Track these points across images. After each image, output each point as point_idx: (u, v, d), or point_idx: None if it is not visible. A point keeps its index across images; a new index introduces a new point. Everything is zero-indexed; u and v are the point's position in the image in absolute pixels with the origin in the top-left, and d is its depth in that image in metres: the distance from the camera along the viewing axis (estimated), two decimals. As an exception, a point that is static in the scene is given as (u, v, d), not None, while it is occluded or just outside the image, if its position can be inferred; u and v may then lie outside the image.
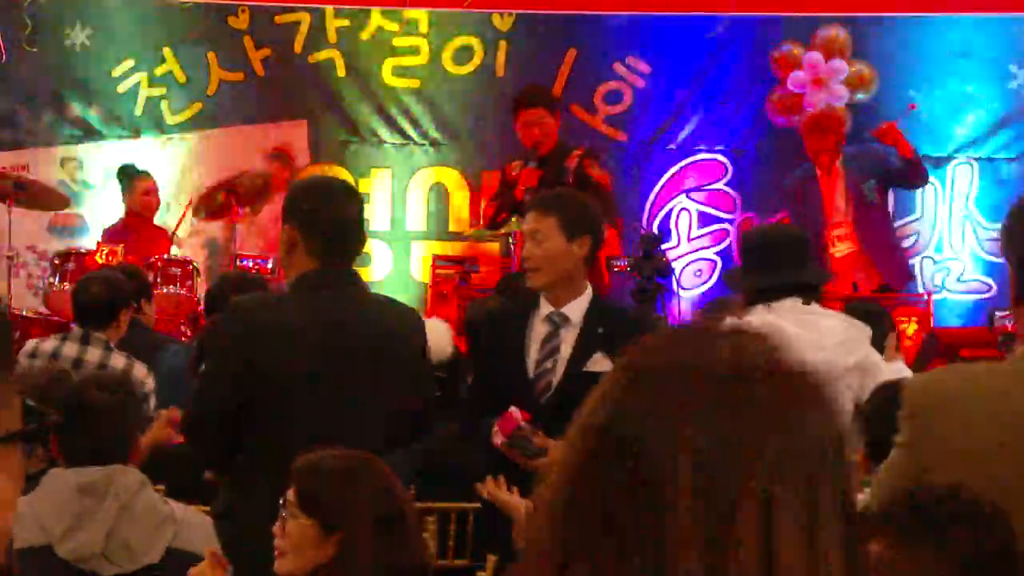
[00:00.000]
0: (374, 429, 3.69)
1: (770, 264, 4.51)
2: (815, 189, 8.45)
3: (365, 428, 3.66)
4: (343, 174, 9.75)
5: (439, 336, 5.00)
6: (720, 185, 9.71)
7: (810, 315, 4.39)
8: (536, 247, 4.37)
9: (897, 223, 9.11)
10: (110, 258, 7.92)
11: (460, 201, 9.83)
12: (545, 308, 4.40)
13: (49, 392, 3.68)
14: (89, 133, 9.77)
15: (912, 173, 8.42)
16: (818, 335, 4.26)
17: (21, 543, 3.33)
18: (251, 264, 8.18)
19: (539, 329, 4.38)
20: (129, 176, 8.98)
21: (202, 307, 7.89)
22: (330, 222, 3.89)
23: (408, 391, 3.87)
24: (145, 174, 8.99)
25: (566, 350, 4.32)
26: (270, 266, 8.21)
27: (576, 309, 4.37)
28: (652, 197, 9.65)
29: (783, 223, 6.47)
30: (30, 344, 5.77)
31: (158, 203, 9.04)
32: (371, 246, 9.79)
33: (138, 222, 8.86)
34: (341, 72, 9.79)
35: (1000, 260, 9.40)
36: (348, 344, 3.74)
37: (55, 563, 3.39)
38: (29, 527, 3.40)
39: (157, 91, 9.78)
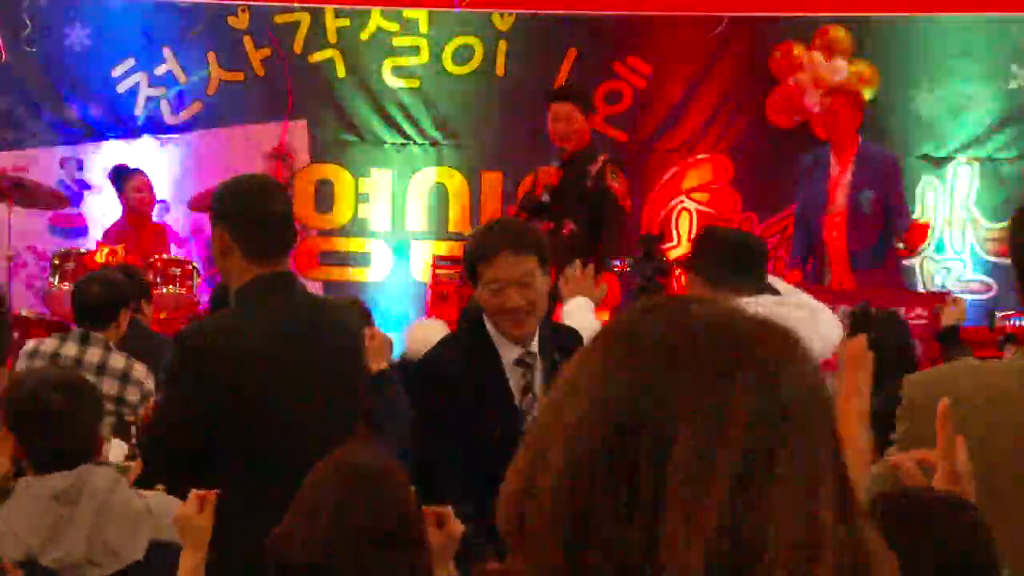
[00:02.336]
0: (344, 431, 3.64)
1: (744, 266, 4.55)
2: (824, 174, 8.45)
3: (336, 432, 3.64)
4: (343, 174, 9.76)
5: (438, 336, 4.98)
6: (720, 185, 9.72)
7: (782, 306, 4.38)
8: (527, 291, 3.89)
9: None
10: (110, 258, 7.92)
11: (460, 201, 9.83)
12: (509, 349, 3.96)
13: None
14: (89, 133, 9.76)
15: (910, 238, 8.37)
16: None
17: (4, 559, 3.30)
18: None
19: (515, 376, 3.96)
20: (121, 175, 8.98)
21: (203, 307, 7.91)
22: (263, 221, 3.67)
23: (359, 386, 3.83)
24: (137, 172, 8.99)
25: (539, 391, 3.95)
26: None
27: (535, 343, 3.98)
28: (652, 197, 9.66)
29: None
30: (30, 344, 5.77)
31: (153, 200, 9.04)
32: (371, 246, 9.80)
33: (137, 221, 8.86)
34: (341, 72, 9.79)
35: (1000, 260, 9.43)
36: (308, 353, 3.65)
37: (40, 573, 3.36)
38: (9, 543, 3.36)
39: (157, 91, 9.78)
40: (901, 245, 8.29)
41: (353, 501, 2.85)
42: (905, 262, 8.86)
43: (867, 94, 9.38)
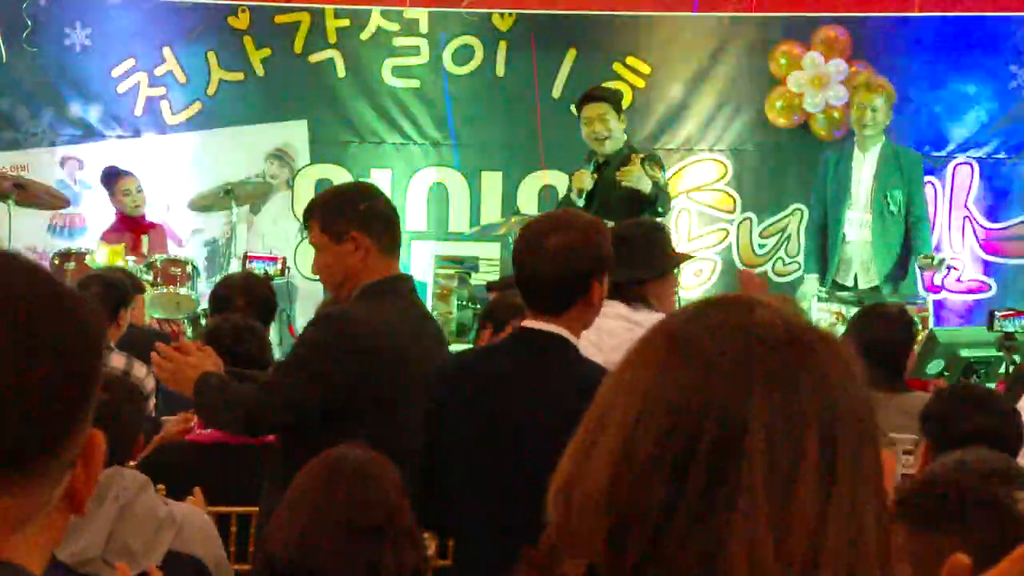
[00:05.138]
0: None
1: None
2: (847, 167, 8.44)
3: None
4: (343, 174, 9.75)
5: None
6: (720, 185, 9.72)
7: (601, 317, 4.43)
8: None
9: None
10: (112, 258, 7.92)
11: (460, 201, 9.83)
12: None
13: None
14: (89, 133, 9.77)
15: None
16: (597, 336, 4.25)
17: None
18: (260, 266, 8.13)
19: None
20: (110, 178, 8.98)
21: (203, 307, 7.90)
22: (390, 217, 3.93)
23: None
24: (125, 174, 8.98)
25: None
26: (279, 267, 8.21)
27: None
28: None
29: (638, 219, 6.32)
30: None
31: (143, 201, 9.02)
32: (371, 246, 9.80)
33: (129, 223, 8.86)
34: (341, 72, 9.79)
35: (1000, 260, 9.43)
36: (423, 354, 3.77)
37: (55, 568, 3.37)
38: None
39: (157, 91, 9.78)
40: (922, 261, 8.31)
41: (332, 495, 2.87)
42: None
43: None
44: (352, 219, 3.82)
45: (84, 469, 1.26)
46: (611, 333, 4.46)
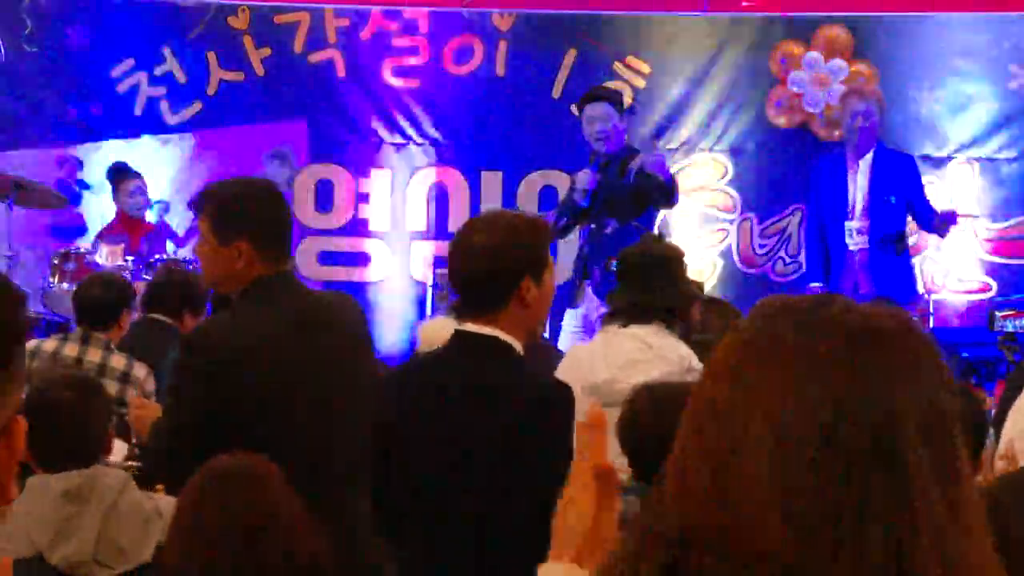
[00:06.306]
0: (350, 430, 3.63)
1: (634, 284, 4.66)
2: (841, 175, 8.43)
3: (343, 431, 3.62)
4: (343, 174, 9.76)
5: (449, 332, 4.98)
6: (720, 185, 9.72)
7: (616, 335, 4.41)
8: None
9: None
10: (111, 258, 7.92)
11: (460, 201, 9.83)
12: None
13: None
14: (89, 133, 9.76)
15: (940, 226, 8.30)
16: (605, 350, 4.34)
17: (12, 556, 3.30)
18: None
19: None
20: (117, 176, 8.98)
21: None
22: (281, 221, 3.75)
23: (366, 383, 3.79)
24: (133, 175, 8.99)
25: None
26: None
27: None
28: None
29: (659, 241, 6.29)
30: (31, 344, 5.76)
31: (146, 203, 9.03)
32: (371, 246, 9.81)
33: (130, 223, 8.86)
34: (341, 72, 9.79)
35: (1000, 260, 9.43)
36: (313, 351, 3.63)
37: (48, 572, 3.37)
38: (17, 539, 3.36)
39: (157, 91, 9.78)
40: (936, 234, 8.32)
41: (206, 503, 2.89)
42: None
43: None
44: (243, 230, 3.67)
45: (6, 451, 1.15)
46: (621, 350, 4.51)
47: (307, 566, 2.87)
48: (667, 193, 7.42)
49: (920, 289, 8.79)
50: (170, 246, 9.07)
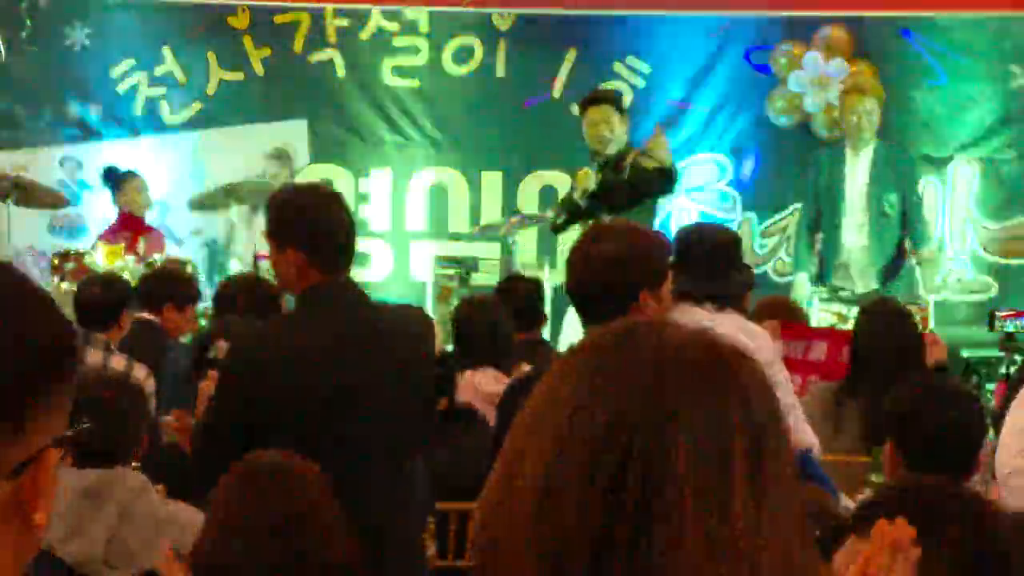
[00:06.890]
0: (400, 438, 3.62)
1: (702, 267, 4.46)
2: (839, 170, 8.42)
3: (393, 443, 3.61)
4: (343, 174, 9.76)
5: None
6: (720, 185, 9.72)
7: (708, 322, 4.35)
8: None
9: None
10: (111, 258, 7.92)
11: (460, 201, 9.83)
12: None
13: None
14: (89, 133, 9.77)
15: None
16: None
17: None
18: (267, 266, 8.12)
19: None
20: (115, 178, 8.97)
21: (203, 306, 7.90)
22: (334, 232, 3.67)
23: (421, 395, 3.77)
24: (132, 175, 8.98)
25: None
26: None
27: None
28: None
29: (718, 226, 6.19)
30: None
31: (147, 202, 9.03)
32: (371, 246, 9.80)
33: (132, 223, 8.85)
34: (341, 72, 9.79)
35: (1000, 260, 9.43)
36: (361, 366, 3.61)
37: (56, 566, 3.37)
38: None
39: (157, 91, 9.78)
40: (915, 259, 8.35)
41: (243, 497, 2.88)
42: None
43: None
44: (293, 238, 3.65)
45: (32, 483, 1.12)
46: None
47: (342, 565, 2.88)
48: (667, 177, 7.45)
49: (920, 289, 8.79)
50: (170, 247, 9.07)
